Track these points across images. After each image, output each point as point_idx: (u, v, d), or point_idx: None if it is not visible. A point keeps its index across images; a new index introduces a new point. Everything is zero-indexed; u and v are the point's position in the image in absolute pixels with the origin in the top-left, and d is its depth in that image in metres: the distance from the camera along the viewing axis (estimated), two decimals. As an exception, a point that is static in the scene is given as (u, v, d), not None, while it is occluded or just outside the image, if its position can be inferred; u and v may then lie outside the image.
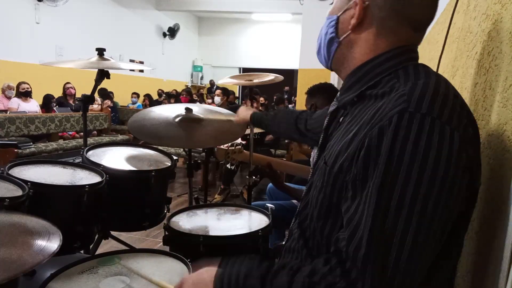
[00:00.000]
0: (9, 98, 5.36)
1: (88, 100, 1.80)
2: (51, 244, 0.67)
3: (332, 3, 0.79)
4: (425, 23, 0.71)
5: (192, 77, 13.05)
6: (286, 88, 11.48)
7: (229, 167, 2.17)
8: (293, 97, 9.81)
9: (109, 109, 6.64)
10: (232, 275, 0.67)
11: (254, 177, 2.04)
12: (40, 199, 1.06)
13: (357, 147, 0.61)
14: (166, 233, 1.17)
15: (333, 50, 0.77)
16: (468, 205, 0.64)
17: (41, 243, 0.67)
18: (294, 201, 1.98)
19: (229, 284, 0.67)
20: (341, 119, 0.78)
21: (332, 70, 0.83)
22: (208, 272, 0.72)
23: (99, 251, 1.50)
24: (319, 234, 0.72)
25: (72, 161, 1.40)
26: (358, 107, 0.70)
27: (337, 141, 0.70)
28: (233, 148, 2.04)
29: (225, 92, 5.17)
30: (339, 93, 0.80)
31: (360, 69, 0.72)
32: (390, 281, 0.56)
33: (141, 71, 9.68)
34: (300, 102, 4.98)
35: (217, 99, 5.07)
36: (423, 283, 0.61)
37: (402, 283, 0.56)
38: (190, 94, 8.39)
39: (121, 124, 7.34)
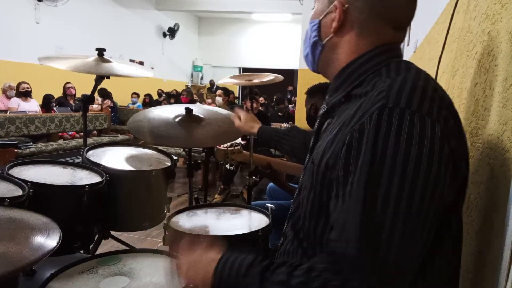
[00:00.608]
0: (9, 98, 5.36)
1: (88, 100, 1.80)
2: (51, 240, 0.67)
3: (313, 8, 0.79)
4: (406, 22, 0.73)
5: (192, 77, 13.05)
6: (290, 87, 11.47)
7: (228, 167, 2.17)
8: (293, 97, 9.82)
9: (109, 109, 6.64)
10: (235, 263, 0.69)
11: (254, 177, 2.04)
12: (40, 199, 1.06)
13: (340, 145, 0.63)
14: (166, 233, 1.17)
15: (317, 54, 0.79)
16: (457, 196, 0.65)
17: (40, 238, 0.67)
18: (294, 201, 1.98)
19: (231, 270, 0.68)
20: (330, 120, 0.79)
21: (319, 73, 0.84)
22: (208, 255, 0.74)
23: (99, 251, 1.50)
24: (312, 233, 0.73)
25: (72, 161, 1.40)
26: (345, 107, 0.71)
27: (324, 141, 0.71)
28: (232, 148, 2.04)
29: (226, 92, 5.18)
30: (327, 95, 0.81)
31: (344, 71, 0.74)
32: (382, 276, 0.57)
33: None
34: (300, 102, 4.98)
35: (219, 99, 5.08)
36: (417, 279, 0.62)
37: (394, 278, 0.57)
38: (191, 94, 8.38)
39: (121, 124, 7.34)
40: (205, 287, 0.72)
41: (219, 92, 5.19)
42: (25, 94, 5.39)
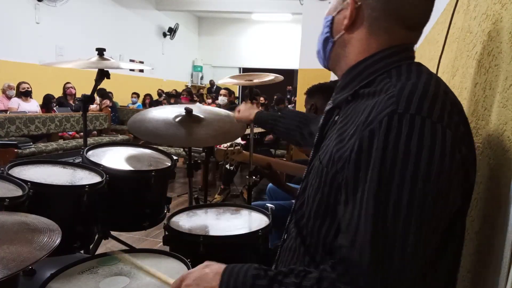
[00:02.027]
0: (9, 98, 5.36)
1: (88, 100, 1.80)
2: (51, 241, 0.67)
3: (330, 2, 0.79)
4: (419, 23, 0.71)
5: (192, 77, 13.05)
6: (289, 87, 11.45)
7: (228, 167, 2.17)
8: (292, 97, 9.81)
9: (109, 109, 6.64)
10: (239, 275, 0.67)
11: (254, 177, 2.04)
12: (40, 199, 1.06)
13: (349, 149, 0.62)
14: (166, 233, 1.18)
15: (328, 50, 0.78)
16: (463, 201, 0.65)
17: (41, 240, 0.67)
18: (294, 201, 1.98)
19: (236, 282, 0.67)
20: (336, 118, 0.78)
21: (329, 70, 0.83)
22: (211, 268, 0.72)
23: (99, 251, 1.50)
24: (316, 233, 0.72)
25: (72, 161, 1.40)
26: (352, 106, 0.70)
27: (332, 140, 0.70)
28: (232, 148, 2.04)
29: (229, 92, 5.18)
30: (334, 92, 0.81)
31: (354, 69, 0.73)
32: (395, 282, 0.56)
33: (141, 71, 9.69)
34: (300, 102, 4.98)
35: (224, 98, 5.06)
36: (418, 281, 0.62)
37: (406, 283, 0.57)
38: (191, 94, 8.38)
39: (121, 124, 7.34)
40: None
41: (223, 91, 5.18)
42: (25, 94, 5.38)
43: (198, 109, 1.74)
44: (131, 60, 9.34)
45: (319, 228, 0.72)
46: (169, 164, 1.52)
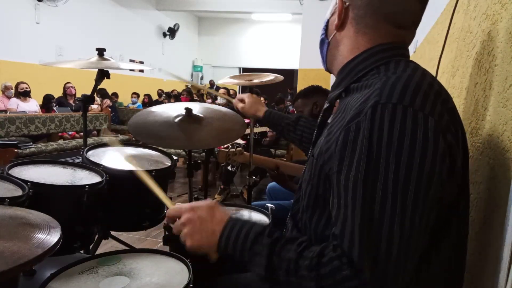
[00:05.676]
0: (9, 98, 5.36)
1: (88, 100, 1.80)
2: (51, 238, 0.66)
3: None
4: (409, 21, 0.72)
5: (192, 77, 13.05)
6: (290, 90, 11.37)
7: (230, 169, 2.17)
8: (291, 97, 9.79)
9: (109, 109, 6.63)
10: (242, 231, 0.69)
11: (254, 177, 2.04)
12: (40, 199, 1.06)
13: (336, 140, 0.64)
14: (166, 233, 1.17)
15: (324, 51, 0.81)
16: (458, 195, 0.65)
17: (41, 236, 0.67)
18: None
19: (239, 233, 0.68)
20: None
21: (328, 71, 0.85)
22: (219, 211, 0.73)
23: (99, 251, 1.50)
24: (308, 224, 0.74)
25: (72, 161, 1.40)
26: (345, 101, 0.72)
27: (323, 135, 0.73)
28: (234, 150, 2.03)
29: (228, 91, 5.20)
30: (330, 91, 0.83)
31: (346, 67, 0.75)
32: (385, 271, 0.57)
33: (141, 71, 9.69)
34: (300, 102, 4.97)
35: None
36: (412, 279, 0.62)
37: (396, 272, 0.57)
38: (191, 94, 8.38)
39: (121, 124, 7.34)
40: (209, 247, 0.71)
41: (222, 91, 5.19)
42: (24, 94, 5.38)
43: (198, 107, 1.74)
44: (131, 60, 9.34)
45: (310, 218, 0.73)
46: (169, 164, 1.52)
